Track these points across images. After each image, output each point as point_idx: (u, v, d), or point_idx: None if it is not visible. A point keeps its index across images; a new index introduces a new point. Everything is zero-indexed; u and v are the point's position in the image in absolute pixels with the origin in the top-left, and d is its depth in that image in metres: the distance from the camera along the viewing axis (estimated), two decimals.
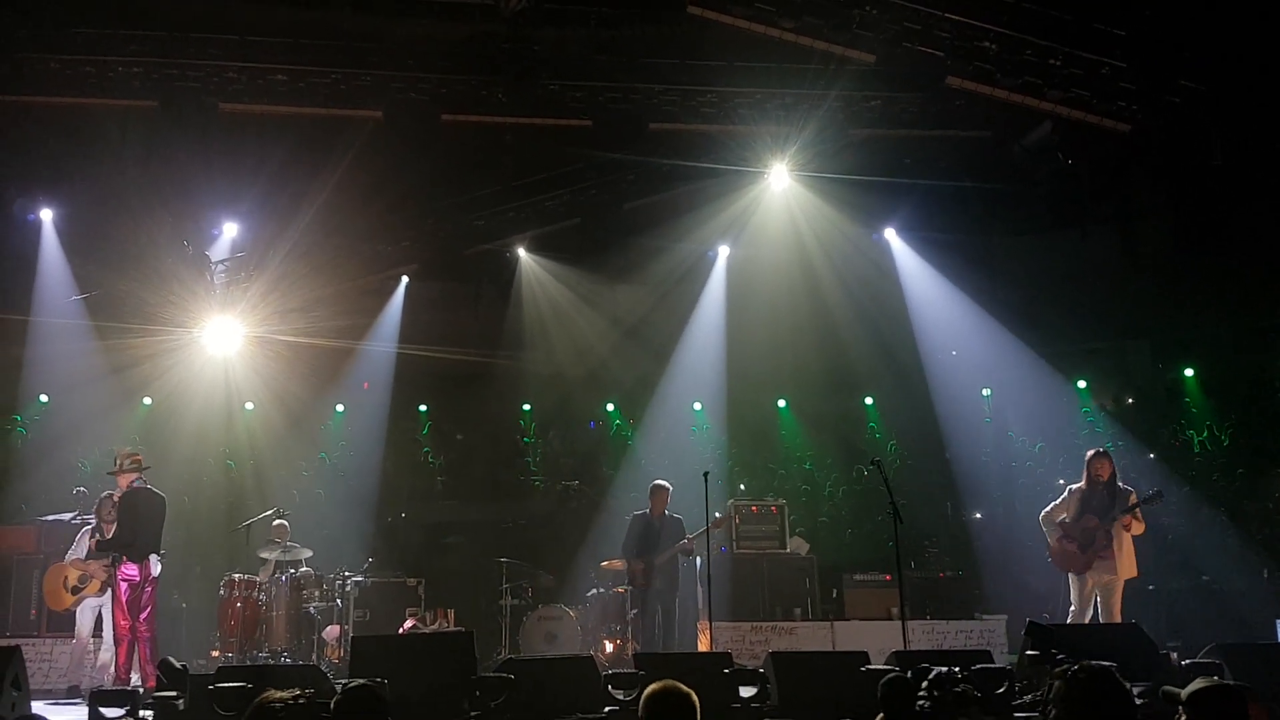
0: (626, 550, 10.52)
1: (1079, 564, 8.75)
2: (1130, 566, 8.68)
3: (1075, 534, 8.80)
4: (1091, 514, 8.76)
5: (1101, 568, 8.67)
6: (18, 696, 6.35)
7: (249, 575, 10.38)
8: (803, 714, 6.20)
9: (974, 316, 12.88)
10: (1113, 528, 8.65)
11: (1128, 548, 8.67)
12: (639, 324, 14.31)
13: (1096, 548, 8.68)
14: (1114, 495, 8.79)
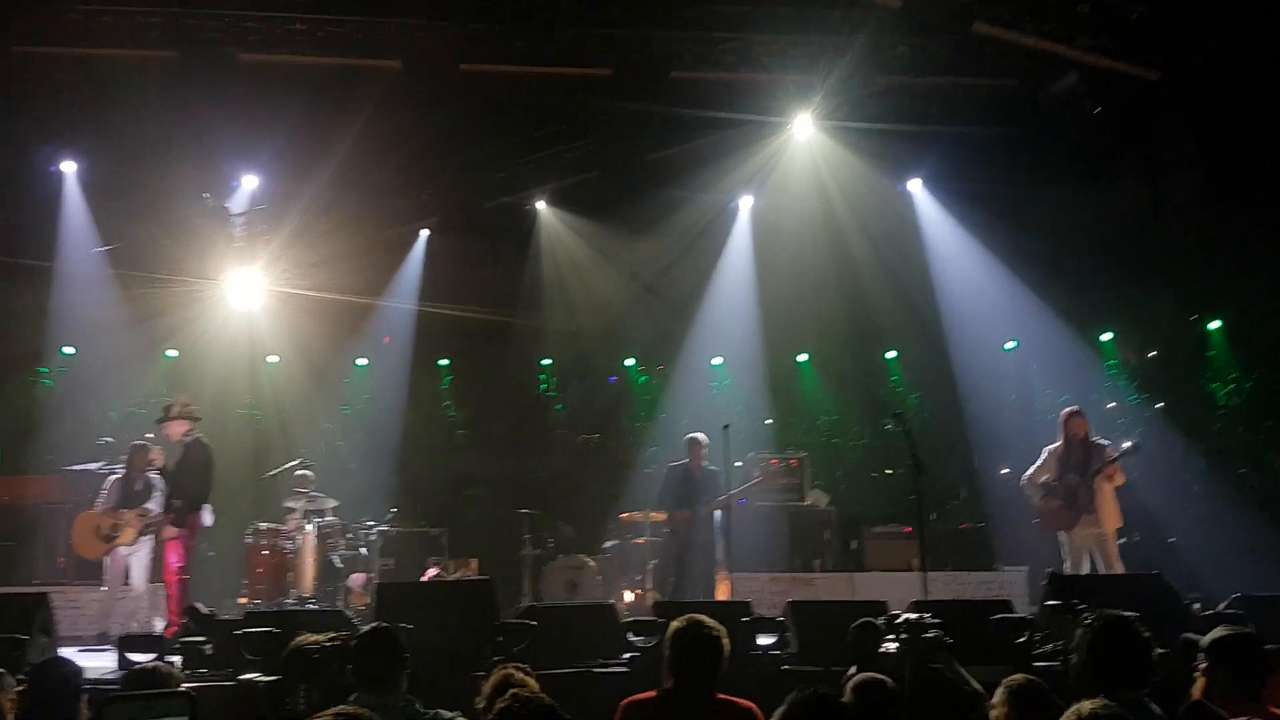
0: (664, 501, 10.50)
1: (1066, 521, 8.91)
2: (1114, 517, 8.85)
3: (1059, 493, 8.92)
4: (1072, 472, 8.88)
5: (1087, 522, 8.82)
6: (47, 642, 6.49)
7: (275, 524, 10.51)
8: (821, 661, 6.24)
9: (998, 269, 12.75)
10: (1094, 483, 8.75)
11: (1110, 499, 8.82)
12: (659, 278, 14.24)
13: (1080, 504, 8.82)
14: (1090, 452, 8.92)
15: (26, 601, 6.68)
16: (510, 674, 4.07)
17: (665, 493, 10.52)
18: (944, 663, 4.29)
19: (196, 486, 8.78)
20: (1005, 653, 6.16)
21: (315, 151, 11.55)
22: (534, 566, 11.11)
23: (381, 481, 13.12)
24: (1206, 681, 3.81)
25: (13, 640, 5.94)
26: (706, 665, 4.04)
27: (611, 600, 10.10)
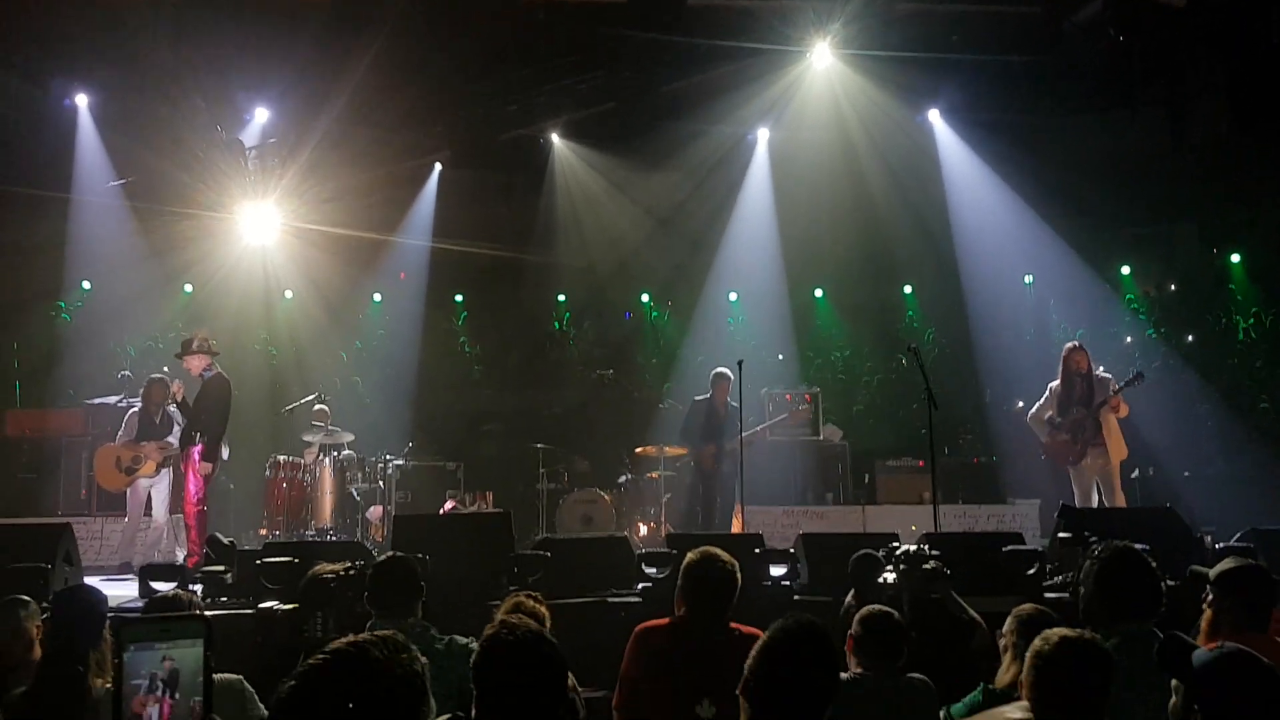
0: (688, 436, 10.51)
1: (1073, 454, 8.95)
2: (1120, 448, 8.89)
3: (1065, 427, 8.95)
4: (1077, 405, 8.91)
5: (1095, 454, 8.85)
6: (70, 571, 6.59)
7: (294, 457, 10.62)
8: (830, 591, 6.30)
9: (1017, 202, 12.61)
10: (1099, 415, 8.78)
11: (1115, 431, 8.86)
12: (674, 212, 14.14)
13: (1087, 437, 8.86)
14: (1093, 385, 8.95)
15: (49, 531, 6.78)
16: (521, 601, 4.13)
17: (689, 427, 10.51)
18: (942, 593, 4.32)
19: (215, 420, 8.85)
20: (1016, 584, 6.20)
21: (326, 84, 11.43)
22: (549, 501, 11.22)
23: (397, 416, 13.22)
24: (1214, 613, 3.82)
25: (37, 569, 6.05)
26: (719, 595, 4.09)
27: (625, 533, 10.21)
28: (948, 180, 13.10)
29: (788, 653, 2.56)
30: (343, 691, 1.55)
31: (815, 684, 2.54)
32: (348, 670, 1.57)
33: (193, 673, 1.48)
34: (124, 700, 1.44)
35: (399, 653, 1.62)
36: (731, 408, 10.31)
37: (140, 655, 1.46)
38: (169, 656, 1.47)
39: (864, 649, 3.80)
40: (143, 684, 1.45)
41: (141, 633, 1.47)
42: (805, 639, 2.57)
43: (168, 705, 1.45)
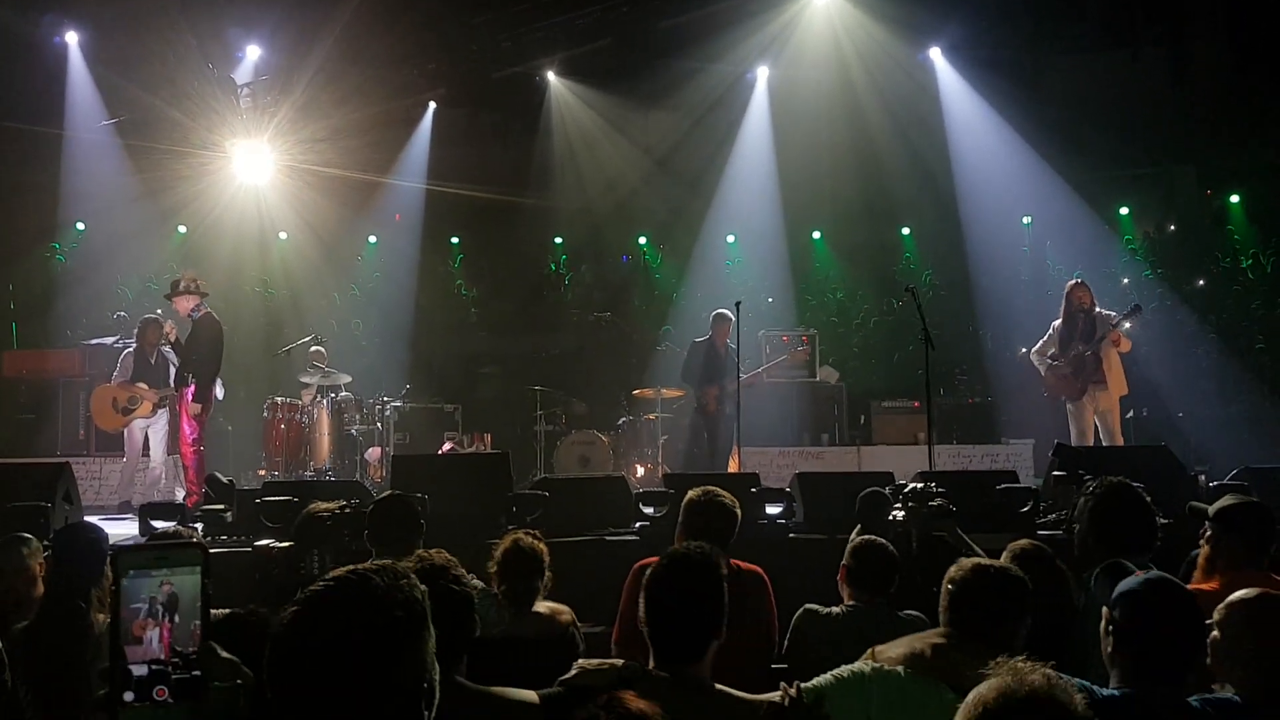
0: (689, 377, 10.41)
1: (1074, 390, 8.96)
2: (1120, 384, 8.90)
3: (1067, 363, 8.96)
4: (1079, 342, 8.90)
5: (1096, 390, 8.87)
6: (70, 509, 6.62)
7: (291, 399, 10.63)
8: (825, 529, 6.36)
9: (1017, 142, 12.51)
10: (1101, 349, 8.79)
11: (1116, 366, 8.86)
12: (672, 152, 14.02)
13: (1088, 372, 8.87)
14: (1095, 322, 8.94)
15: (48, 471, 6.79)
16: (519, 537, 4.17)
17: (689, 369, 10.41)
18: (948, 530, 4.35)
19: (207, 361, 8.80)
20: (1010, 521, 6.24)
21: (319, 21, 11.27)
22: (547, 442, 11.25)
23: (394, 358, 13.23)
24: (1211, 549, 3.84)
25: (37, 508, 6.07)
26: (718, 532, 4.13)
27: (623, 474, 10.26)
28: (948, 120, 12.99)
29: (670, 581, 2.58)
30: (344, 618, 1.55)
31: (697, 612, 2.55)
32: (350, 597, 1.57)
33: (191, 599, 1.48)
34: (122, 625, 1.44)
35: (399, 579, 1.63)
36: (731, 348, 10.27)
37: (138, 581, 1.46)
38: (167, 582, 1.47)
39: (856, 581, 3.84)
40: (141, 608, 1.45)
41: (139, 560, 1.48)
42: (688, 567, 2.58)
43: (167, 629, 1.45)
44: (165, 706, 1.42)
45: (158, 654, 1.44)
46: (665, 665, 2.54)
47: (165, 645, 1.45)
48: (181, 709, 1.42)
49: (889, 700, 2.48)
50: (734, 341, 9.98)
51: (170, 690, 1.43)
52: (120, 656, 1.42)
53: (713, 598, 2.58)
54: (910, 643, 2.75)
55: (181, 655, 1.45)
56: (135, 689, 1.42)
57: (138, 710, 1.41)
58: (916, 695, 2.50)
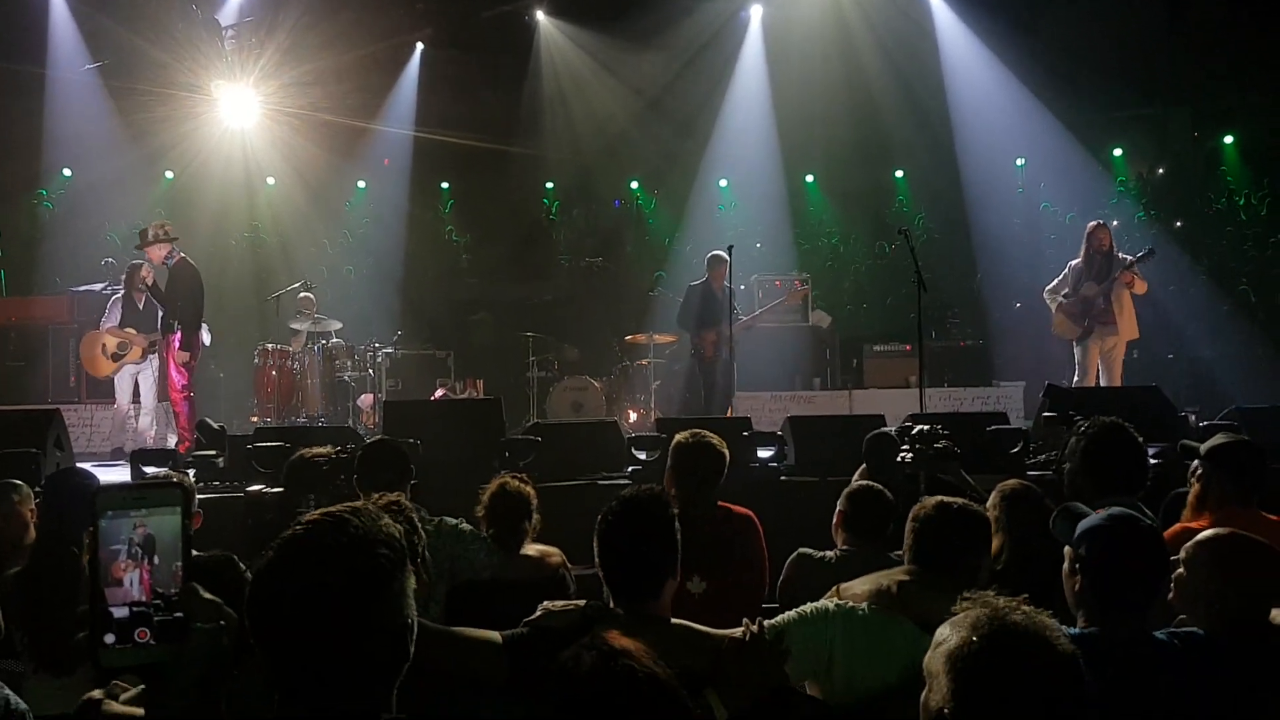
0: (685, 321, 10.20)
1: (1081, 330, 8.94)
2: (1131, 328, 8.87)
3: (1077, 302, 8.93)
4: (1091, 281, 8.87)
5: (1103, 332, 8.85)
6: (61, 456, 6.60)
7: (282, 345, 10.59)
8: (818, 472, 6.38)
9: (1012, 83, 12.39)
10: (1112, 291, 8.76)
11: (1128, 308, 8.83)
12: (663, 94, 13.85)
13: (1096, 313, 8.85)
14: (1112, 264, 8.89)
15: (39, 418, 6.77)
16: (506, 480, 4.17)
17: (685, 313, 10.18)
18: (952, 472, 4.36)
19: (189, 307, 8.74)
20: (1000, 463, 6.26)
21: None
22: (539, 389, 11.25)
23: (385, 304, 13.18)
24: (1202, 487, 3.86)
25: (28, 454, 6.05)
26: (708, 474, 4.13)
27: (615, 419, 10.26)
28: (943, 60, 12.86)
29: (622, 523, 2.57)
30: (325, 559, 1.55)
31: (649, 552, 2.54)
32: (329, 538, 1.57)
33: (171, 540, 1.46)
34: (101, 566, 1.42)
35: (378, 520, 1.62)
36: (728, 289, 10.18)
37: (117, 522, 1.44)
38: (145, 523, 1.44)
39: (851, 525, 3.84)
40: (120, 550, 1.43)
41: (117, 500, 1.45)
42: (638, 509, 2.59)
43: (146, 570, 1.43)
44: (147, 648, 1.41)
45: (138, 596, 1.42)
46: (623, 604, 2.54)
47: (146, 587, 1.43)
48: (163, 650, 1.40)
49: (852, 636, 2.49)
50: (730, 284, 9.92)
51: (152, 632, 1.41)
52: (100, 599, 1.40)
53: (663, 538, 2.56)
54: (875, 580, 2.77)
55: (163, 597, 1.43)
56: (117, 631, 1.40)
57: (119, 652, 1.40)
58: (880, 631, 2.51)
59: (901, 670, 2.41)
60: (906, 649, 2.43)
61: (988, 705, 1.65)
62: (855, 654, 2.48)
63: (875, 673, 2.46)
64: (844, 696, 2.45)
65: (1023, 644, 1.68)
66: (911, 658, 2.34)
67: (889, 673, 2.45)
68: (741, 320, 10.20)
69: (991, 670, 1.66)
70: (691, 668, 2.31)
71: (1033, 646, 1.68)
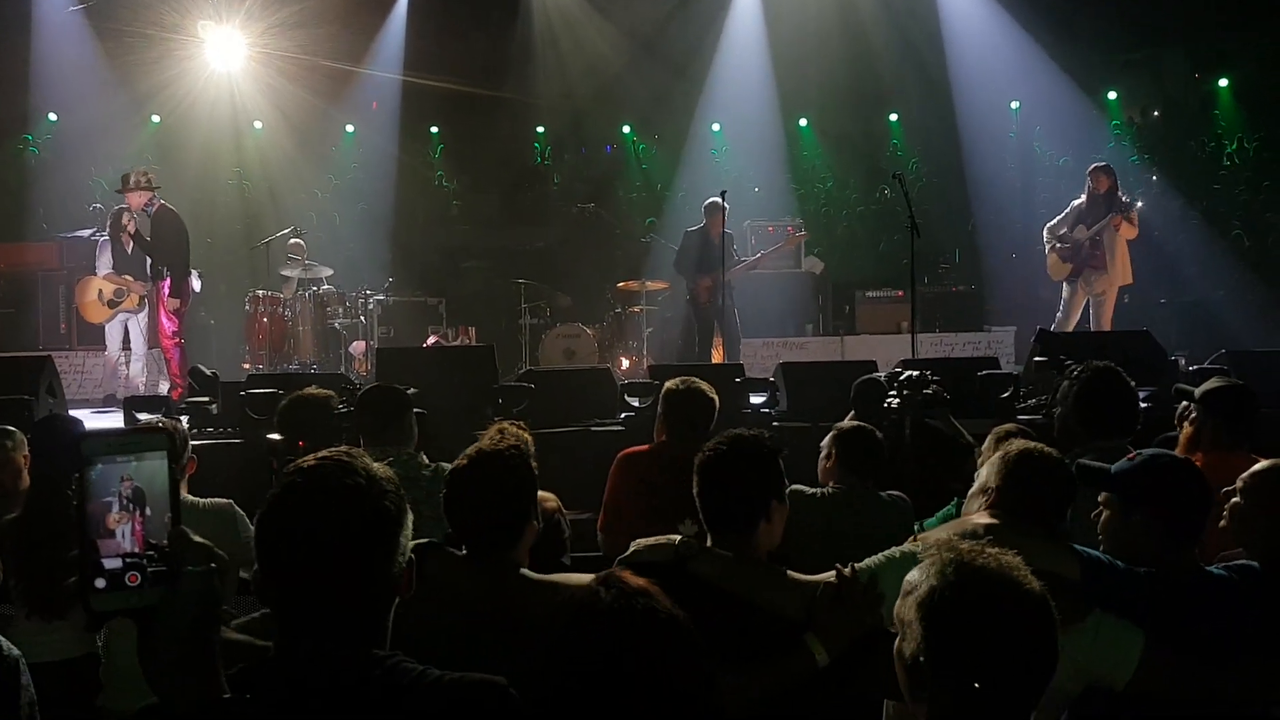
0: (683, 267, 10.10)
1: (1070, 271, 9.02)
2: (1125, 273, 8.94)
3: (1069, 242, 9.00)
4: (1084, 224, 8.92)
5: (1092, 276, 8.92)
6: (54, 403, 6.60)
7: (273, 292, 10.53)
8: (809, 417, 6.40)
9: (1007, 25, 12.26)
10: (1102, 234, 8.79)
11: (1121, 253, 8.88)
12: (656, 35, 13.64)
13: (1084, 257, 8.91)
14: (1111, 207, 8.91)
15: (30, 364, 6.76)
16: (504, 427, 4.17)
17: (683, 259, 10.09)
18: (940, 418, 4.38)
19: (176, 254, 8.69)
20: (990, 407, 6.30)
21: None
22: (531, 336, 11.23)
23: (376, 251, 13.11)
24: (1194, 429, 3.89)
25: (20, 401, 6.04)
26: (697, 420, 4.17)
27: (608, 366, 10.26)
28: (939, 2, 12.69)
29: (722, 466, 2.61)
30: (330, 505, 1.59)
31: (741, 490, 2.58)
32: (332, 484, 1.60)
33: (160, 486, 1.44)
34: (93, 517, 1.40)
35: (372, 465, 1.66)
36: (728, 236, 10.12)
37: (107, 470, 1.42)
38: (132, 476, 1.42)
39: (843, 464, 3.88)
40: (113, 501, 1.41)
41: (103, 446, 1.42)
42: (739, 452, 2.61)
43: (139, 522, 1.42)
44: (139, 591, 1.40)
45: (130, 548, 1.41)
46: (718, 537, 2.59)
47: (139, 539, 1.41)
48: (155, 593, 1.40)
49: None
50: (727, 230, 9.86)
51: (143, 577, 1.40)
52: (92, 549, 1.39)
53: (763, 474, 2.61)
54: (960, 524, 2.76)
55: (156, 548, 1.42)
56: (108, 576, 1.39)
57: (110, 596, 1.39)
58: None
59: None
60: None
61: (961, 650, 1.65)
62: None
63: None
64: None
65: (992, 587, 1.67)
66: None
67: None
68: (740, 264, 10.16)
69: (962, 615, 1.66)
70: (787, 611, 2.40)
71: (1002, 589, 1.67)
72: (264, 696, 1.53)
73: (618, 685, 1.53)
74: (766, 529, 2.60)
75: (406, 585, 1.67)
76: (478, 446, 2.73)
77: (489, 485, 2.60)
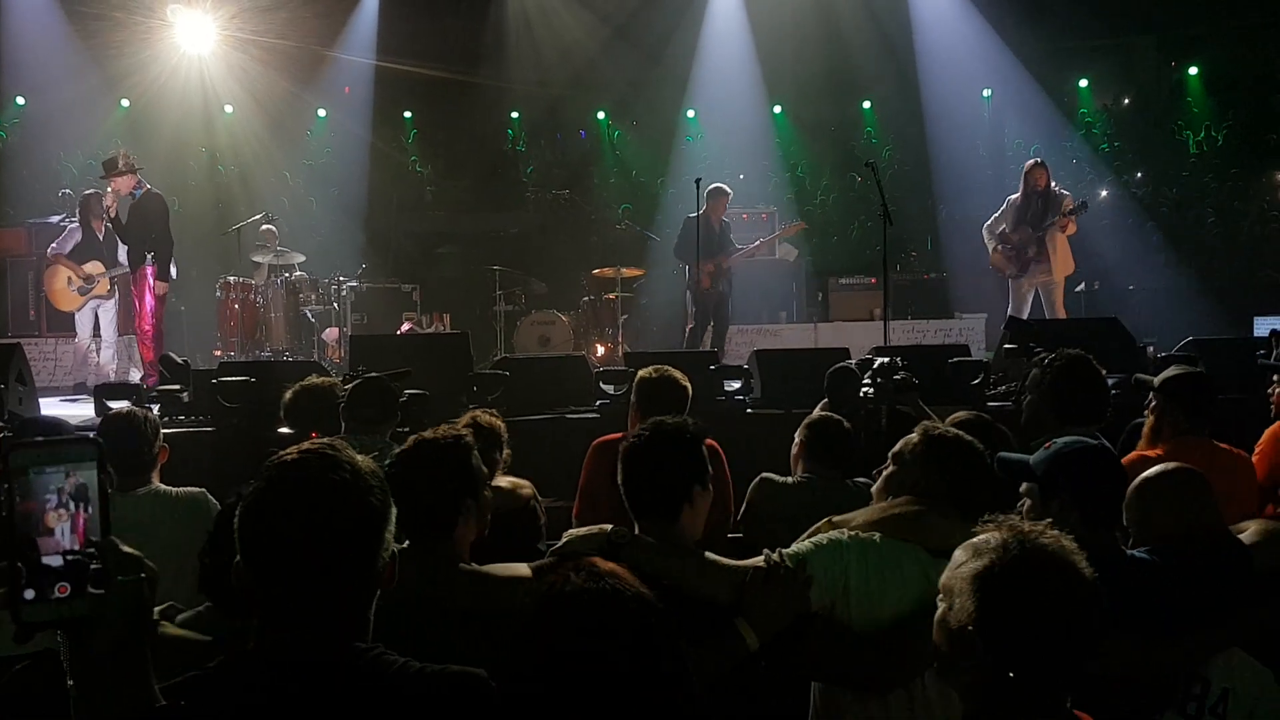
0: (683, 253, 9.99)
1: (1016, 268, 9.18)
2: (1066, 263, 9.08)
3: (1012, 241, 9.12)
4: (1026, 224, 9.06)
5: (1037, 270, 9.06)
6: (24, 391, 6.51)
7: (244, 278, 10.46)
8: (783, 404, 6.45)
9: (978, 13, 12.32)
10: (1046, 234, 8.96)
11: (1062, 247, 9.03)
12: (629, 21, 13.58)
13: (1030, 254, 9.05)
14: (1048, 203, 9.06)
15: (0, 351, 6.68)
16: (478, 414, 4.20)
17: (685, 244, 9.91)
18: (910, 404, 4.43)
19: (164, 238, 8.60)
20: (961, 394, 6.36)
21: None
22: (506, 322, 11.21)
23: (349, 237, 13.02)
24: (1156, 418, 3.96)
25: None
26: (670, 408, 4.18)
27: (583, 353, 10.25)
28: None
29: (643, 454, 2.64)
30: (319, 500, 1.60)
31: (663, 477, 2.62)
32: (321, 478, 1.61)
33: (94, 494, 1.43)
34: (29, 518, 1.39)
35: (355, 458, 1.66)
36: (726, 224, 10.12)
37: (45, 476, 1.41)
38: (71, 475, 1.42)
39: (811, 454, 3.91)
40: (51, 499, 1.40)
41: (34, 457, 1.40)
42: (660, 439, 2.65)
43: (82, 518, 1.41)
44: (67, 602, 1.39)
45: (70, 545, 1.40)
46: (644, 524, 2.61)
47: (80, 535, 1.41)
48: (83, 604, 1.40)
49: (867, 564, 2.54)
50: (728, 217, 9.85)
51: (74, 585, 1.39)
52: (16, 554, 1.38)
53: (684, 461, 2.64)
54: (881, 510, 2.80)
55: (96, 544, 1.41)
56: (36, 586, 1.38)
57: (38, 607, 1.38)
58: (893, 558, 2.56)
59: (916, 597, 2.47)
60: (919, 575, 2.50)
61: (1011, 623, 1.71)
62: (870, 582, 2.52)
63: (889, 599, 2.51)
64: (860, 622, 2.51)
65: (1049, 567, 1.74)
66: (926, 583, 2.43)
67: (903, 599, 2.50)
68: (739, 251, 10.17)
69: (1018, 590, 1.72)
70: (716, 596, 2.43)
71: (1059, 569, 1.74)
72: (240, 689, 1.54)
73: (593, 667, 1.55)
74: (690, 515, 2.63)
75: (389, 578, 1.68)
76: (418, 435, 2.73)
77: (419, 476, 2.58)
